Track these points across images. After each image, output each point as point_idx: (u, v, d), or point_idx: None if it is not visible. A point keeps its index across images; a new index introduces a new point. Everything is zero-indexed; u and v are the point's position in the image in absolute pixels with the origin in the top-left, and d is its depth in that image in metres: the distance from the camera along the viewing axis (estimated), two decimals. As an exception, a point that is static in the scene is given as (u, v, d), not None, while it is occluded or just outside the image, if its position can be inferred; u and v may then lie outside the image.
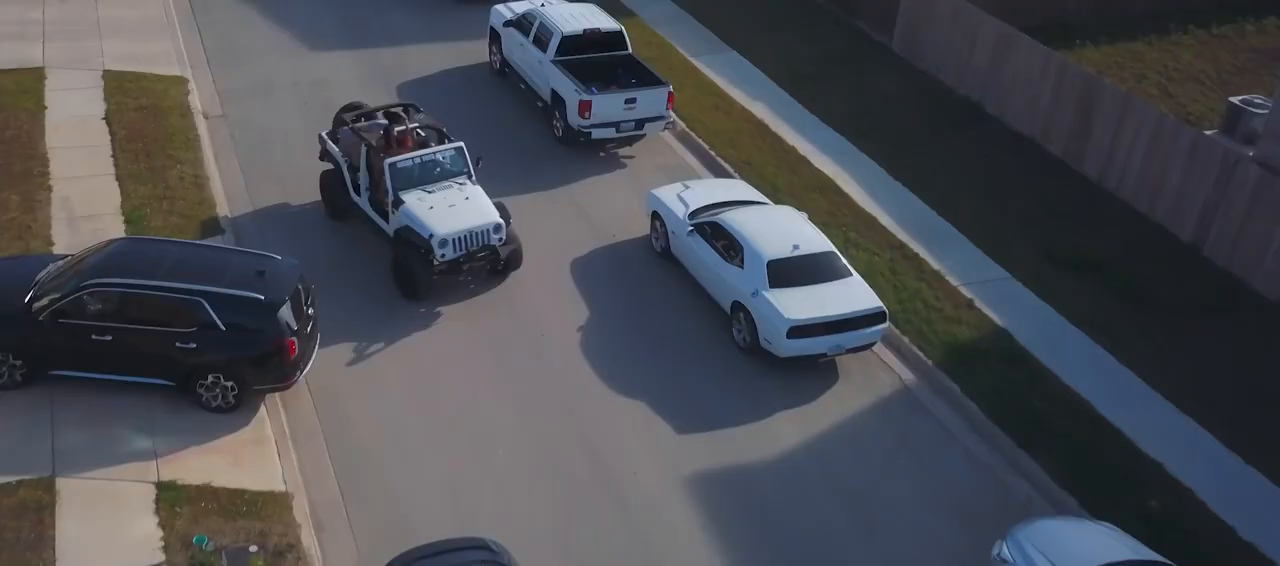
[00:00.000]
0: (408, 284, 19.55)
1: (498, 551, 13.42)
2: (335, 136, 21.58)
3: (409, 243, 19.47)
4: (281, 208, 21.94)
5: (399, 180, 19.83)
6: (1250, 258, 20.83)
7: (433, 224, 19.23)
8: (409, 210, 19.56)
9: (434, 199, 19.75)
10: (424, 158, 20.12)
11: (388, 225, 20.17)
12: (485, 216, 19.61)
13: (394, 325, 19.01)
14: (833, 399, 18.12)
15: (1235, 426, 17.82)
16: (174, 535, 14.65)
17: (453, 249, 19.15)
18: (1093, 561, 13.89)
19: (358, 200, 20.92)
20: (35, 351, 16.38)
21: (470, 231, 19.30)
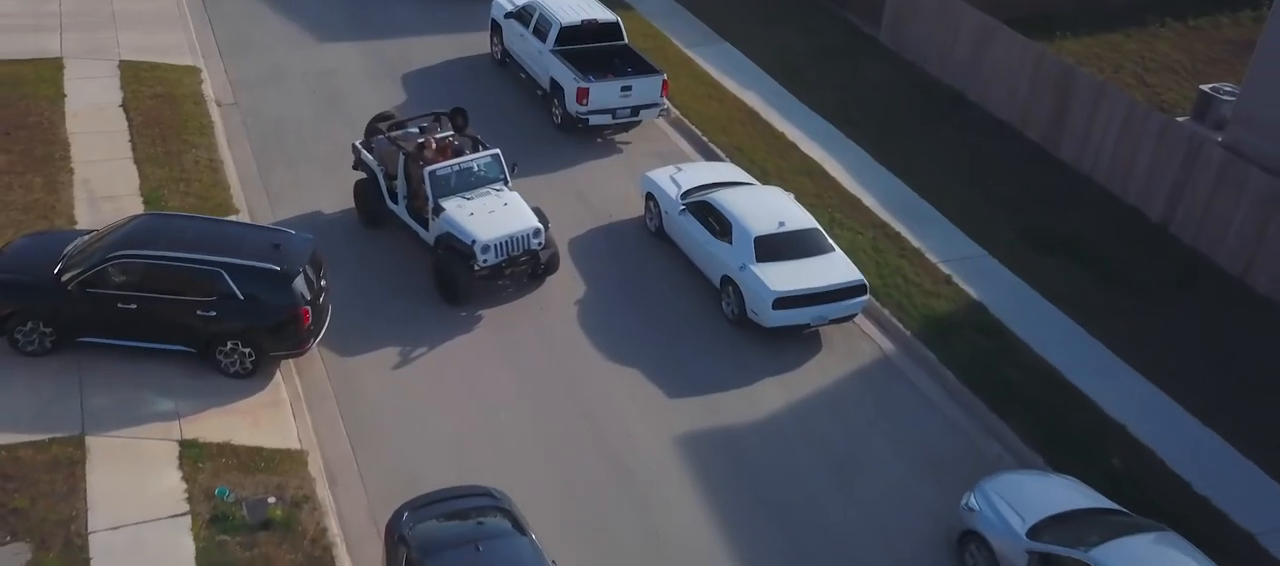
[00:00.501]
0: (449, 289, 19.85)
1: (500, 498, 14.44)
2: (369, 146, 21.80)
3: (451, 248, 19.73)
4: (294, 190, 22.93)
5: (438, 188, 20.08)
6: (1214, 235, 21.89)
7: (474, 230, 19.56)
8: (450, 217, 19.86)
9: (474, 205, 20.06)
10: (462, 165, 20.39)
11: (427, 233, 20.48)
12: (525, 221, 19.95)
13: (400, 300, 20.01)
14: (816, 366, 19.17)
15: (1196, 392, 18.86)
16: (197, 488, 15.65)
17: (494, 254, 19.48)
18: (1051, 508, 14.95)
19: (395, 208, 21.16)
20: (64, 320, 17.37)
21: (511, 237, 19.64)
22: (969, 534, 15.32)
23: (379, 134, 21.95)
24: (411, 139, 21.30)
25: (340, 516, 15.70)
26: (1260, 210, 20.93)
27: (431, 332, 19.28)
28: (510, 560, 13.16)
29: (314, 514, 15.52)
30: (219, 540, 14.93)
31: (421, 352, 18.80)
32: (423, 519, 13.92)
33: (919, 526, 16.24)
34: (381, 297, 20.02)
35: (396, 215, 21.18)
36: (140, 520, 15.09)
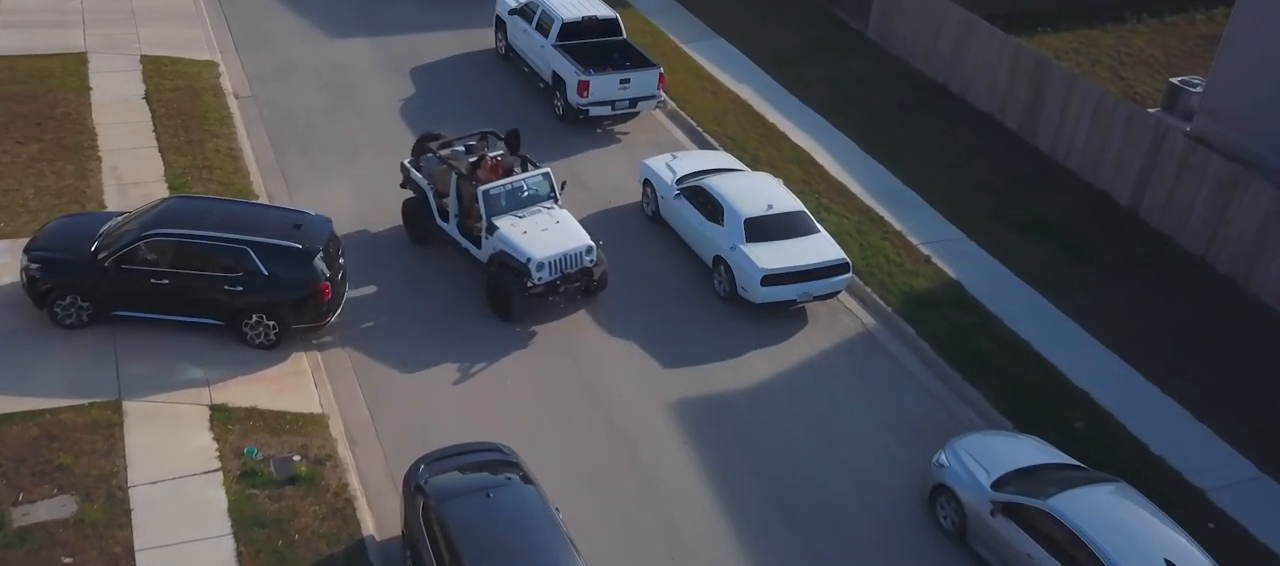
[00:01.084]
0: (503, 305, 20.17)
1: (508, 453, 15.73)
2: (418, 165, 22.09)
3: (504, 266, 20.04)
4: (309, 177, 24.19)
5: (492, 206, 20.37)
6: (1178, 217, 23.21)
7: (529, 248, 19.84)
8: (504, 235, 20.13)
9: (526, 224, 20.34)
10: (514, 184, 20.65)
11: (479, 251, 20.78)
12: (578, 240, 20.25)
13: (411, 278, 21.28)
14: (802, 339, 20.48)
15: (1156, 362, 20.18)
16: (227, 447, 16.95)
17: (549, 272, 19.78)
18: (1014, 463, 16.27)
19: (444, 226, 21.44)
20: (100, 294, 18.66)
21: (565, 254, 19.94)
22: (940, 488, 16.63)
23: (428, 153, 22.19)
24: (461, 158, 21.50)
25: (360, 473, 16.99)
26: (1219, 194, 22.25)
27: (440, 311, 20.53)
28: (518, 505, 14.44)
29: (336, 470, 16.82)
30: (249, 493, 16.21)
31: (431, 327, 20.05)
32: (438, 471, 15.19)
33: (895, 482, 17.54)
34: (396, 276, 21.28)
35: (446, 233, 21.44)
36: (176, 475, 16.38)
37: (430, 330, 20.00)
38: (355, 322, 19.98)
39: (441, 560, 14.01)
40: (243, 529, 15.61)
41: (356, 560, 15.41)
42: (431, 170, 21.76)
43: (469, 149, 21.81)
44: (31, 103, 25.45)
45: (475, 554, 13.60)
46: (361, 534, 15.81)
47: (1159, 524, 14.97)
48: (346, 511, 16.15)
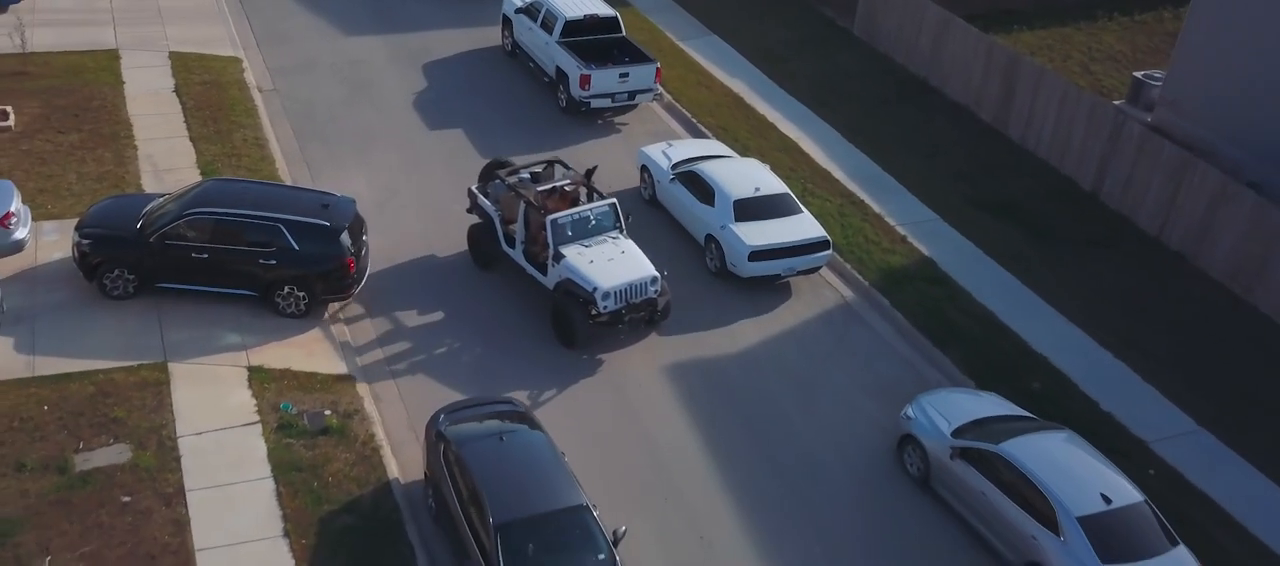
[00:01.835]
0: (567, 333, 20.58)
1: (518, 405, 17.57)
2: (485, 191, 22.64)
3: (570, 293, 20.44)
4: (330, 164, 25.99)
5: (559, 235, 20.81)
6: (1136, 200, 25.05)
7: (595, 277, 20.23)
8: (570, 264, 20.52)
9: (593, 253, 20.72)
10: (581, 213, 21.02)
11: (545, 278, 21.20)
12: (643, 270, 20.60)
13: (428, 253, 23.10)
14: (786, 310, 22.31)
15: (1110, 331, 22.00)
16: (264, 403, 18.78)
17: (614, 301, 20.20)
18: (973, 414, 18.09)
19: (510, 252, 21.85)
20: (145, 268, 20.47)
21: (630, 284, 20.31)
22: (907, 438, 18.46)
23: (495, 179, 22.62)
24: (529, 186, 21.85)
25: (385, 425, 18.82)
26: (1172, 178, 24.09)
27: (452, 286, 22.33)
28: (528, 447, 16.28)
29: (363, 423, 18.66)
30: (286, 442, 18.04)
31: (446, 296, 21.86)
32: (456, 420, 17.03)
33: (868, 436, 19.37)
34: (411, 253, 23.09)
35: (512, 259, 21.92)
36: (219, 427, 18.22)
37: (445, 302, 21.80)
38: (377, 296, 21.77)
39: (460, 494, 15.84)
40: (281, 473, 17.44)
41: (383, 500, 17.23)
42: (499, 196, 22.16)
43: (535, 176, 22.20)
44: (70, 96, 27.27)
45: (491, 487, 15.42)
46: (387, 477, 17.64)
47: (1098, 465, 16.79)
48: (373, 458, 17.98)
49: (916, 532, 17.63)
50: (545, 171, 22.28)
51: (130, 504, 16.63)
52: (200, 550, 16.04)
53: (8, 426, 17.68)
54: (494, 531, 14.93)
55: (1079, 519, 15.78)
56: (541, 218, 20.90)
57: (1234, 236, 22.94)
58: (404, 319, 21.31)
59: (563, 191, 21.76)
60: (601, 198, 21.62)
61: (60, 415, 18.00)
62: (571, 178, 21.99)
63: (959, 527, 17.67)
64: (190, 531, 16.29)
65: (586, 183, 21.99)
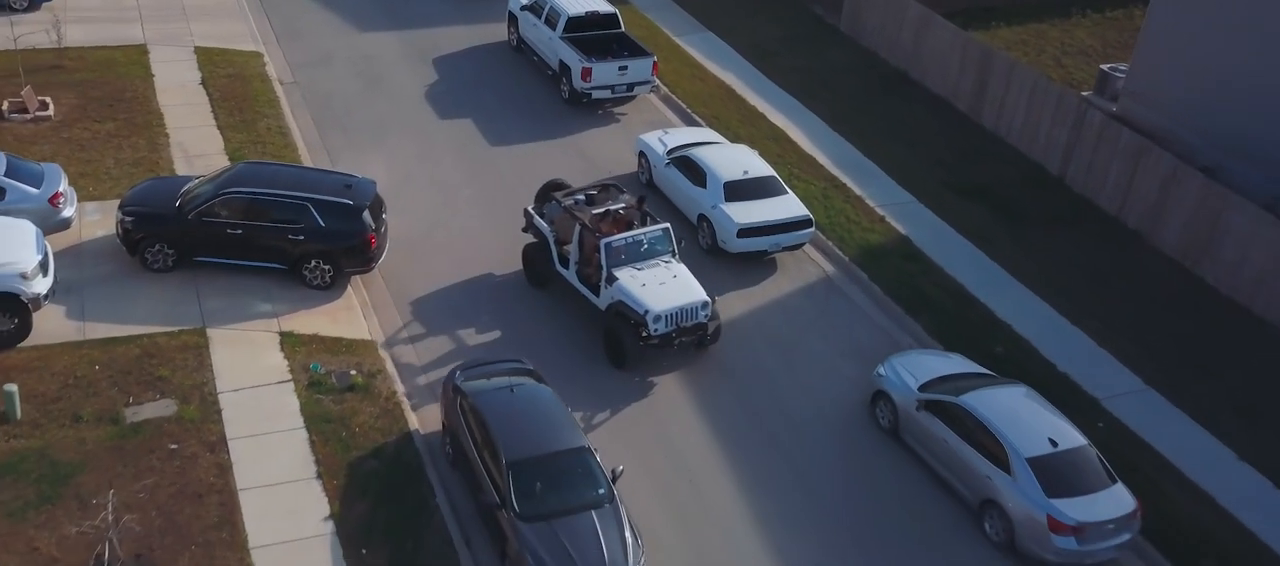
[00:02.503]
0: (618, 354, 21.16)
1: (526, 363, 19.45)
2: (541, 211, 23.19)
3: (621, 315, 20.98)
4: (348, 151, 27.85)
5: (612, 258, 21.34)
6: (1097, 184, 26.95)
7: (647, 301, 20.73)
8: (623, 286, 21.03)
9: (645, 276, 21.21)
10: (635, 237, 21.53)
11: (598, 299, 21.72)
12: (694, 295, 21.07)
13: (440, 232, 24.96)
14: (772, 283, 24.20)
15: (1070, 301, 23.88)
16: (295, 363, 20.65)
17: (665, 324, 20.68)
18: (938, 372, 19.97)
19: (564, 272, 22.42)
20: (183, 243, 22.31)
21: (681, 309, 20.81)
22: (878, 394, 20.35)
23: (551, 201, 23.13)
24: (584, 208, 22.34)
25: (405, 383, 20.70)
26: (1130, 163, 25.97)
27: (467, 256, 24.19)
28: (535, 398, 18.14)
29: (385, 382, 20.53)
30: (316, 398, 19.91)
31: (458, 271, 23.72)
32: (471, 376, 18.90)
33: (844, 394, 21.24)
34: (427, 230, 24.97)
35: (566, 279, 22.50)
36: (255, 384, 20.09)
37: (459, 275, 23.68)
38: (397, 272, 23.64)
39: (475, 439, 17.72)
40: (313, 424, 19.32)
41: (405, 448, 19.11)
42: (554, 217, 22.73)
43: (590, 199, 22.78)
44: (103, 88, 29.16)
45: (503, 431, 17.30)
46: (408, 429, 19.51)
47: (1049, 414, 18.67)
48: (396, 412, 19.86)
49: (886, 477, 19.52)
50: (600, 194, 22.91)
51: (178, 450, 18.49)
52: (242, 489, 17.91)
53: (64, 384, 19.55)
54: (506, 469, 16.82)
55: (1028, 460, 17.66)
56: (596, 240, 21.40)
57: (1183, 215, 24.85)
58: (420, 292, 23.17)
59: (617, 215, 22.24)
60: (655, 222, 22.18)
61: (110, 374, 19.86)
62: (626, 201, 22.56)
63: (924, 472, 19.58)
64: (233, 474, 18.16)
65: (641, 207, 22.51)
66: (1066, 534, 17.15)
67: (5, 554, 16.38)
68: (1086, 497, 17.44)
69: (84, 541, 16.56)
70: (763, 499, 18.87)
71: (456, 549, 17.34)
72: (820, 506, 18.86)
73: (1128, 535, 17.66)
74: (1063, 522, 17.12)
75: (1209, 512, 19.12)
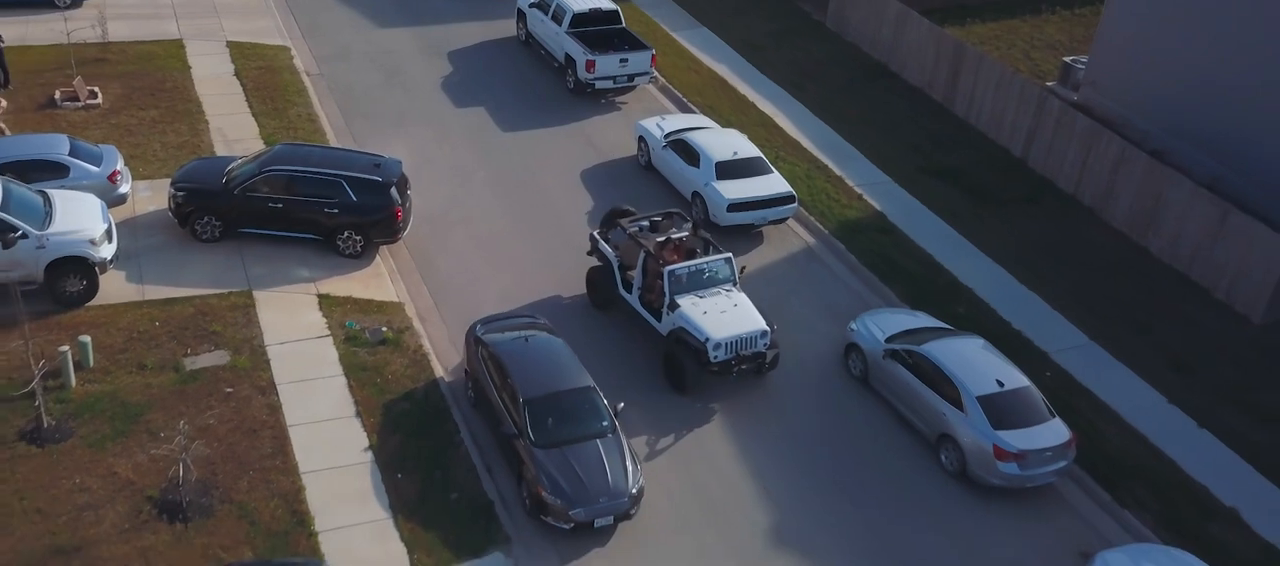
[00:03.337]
0: (678, 379, 21.84)
1: (539, 317, 22.03)
2: (607, 236, 23.99)
3: (682, 342, 21.63)
4: (372, 137, 30.40)
5: (675, 285, 21.99)
6: (1056, 165, 29.53)
7: (708, 328, 21.36)
8: (684, 313, 21.67)
9: (706, 304, 21.81)
10: (697, 266, 22.16)
11: (660, 324, 22.40)
12: (754, 323, 21.62)
13: (455, 209, 27.52)
14: (758, 253, 26.78)
15: (1029, 271, 26.45)
16: (333, 321, 23.20)
17: (725, 351, 21.33)
18: (904, 327, 22.53)
19: (627, 297, 23.12)
20: (229, 216, 24.85)
21: (741, 337, 21.38)
22: (851, 346, 22.92)
23: (617, 227, 23.89)
24: (649, 236, 23.02)
25: (431, 339, 23.25)
26: (1085, 146, 28.55)
27: (482, 231, 26.75)
28: (547, 346, 20.70)
29: (413, 337, 23.09)
30: (352, 350, 22.47)
31: (475, 242, 26.29)
32: (490, 328, 21.46)
33: (821, 349, 23.80)
34: (441, 209, 27.53)
35: (628, 303, 23.24)
36: (298, 338, 22.64)
37: (474, 242, 26.24)
38: (420, 242, 26.19)
39: (495, 382, 20.28)
40: (350, 372, 21.88)
41: (432, 392, 21.67)
42: (619, 243, 23.52)
43: (654, 225, 23.53)
44: (145, 79, 31.71)
45: (518, 372, 19.88)
46: (435, 376, 22.08)
47: (998, 361, 21.23)
48: (423, 363, 22.41)
49: (857, 418, 22.09)
50: (663, 221, 23.69)
51: (233, 393, 21.05)
52: (292, 425, 20.47)
53: (129, 337, 22.11)
54: (523, 405, 19.40)
55: (978, 398, 20.24)
56: (659, 267, 22.14)
57: (1130, 193, 27.43)
58: (441, 261, 25.74)
59: (680, 243, 22.99)
60: (717, 251, 22.86)
61: (169, 329, 22.42)
62: (689, 229, 23.36)
63: (889, 413, 22.16)
64: (282, 413, 20.73)
65: (705, 235, 23.37)
66: (1010, 460, 19.75)
67: (88, 477, 18.97)
68: (1027, 430, 20.02)
69: (156, 466, 19.13)
70: (747, 436, 21.41)
71: (479, 475, 19.92)
72: (799, 443, 21.40)
73: (1063, 463, 20.25)
74: (1006, 450, 19.72)
75: (1140, 447, 21.71)
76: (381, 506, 19.05)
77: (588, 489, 18.64)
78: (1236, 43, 27.83)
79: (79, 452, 19.38)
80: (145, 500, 18.59)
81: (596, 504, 18.59)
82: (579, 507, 18.51)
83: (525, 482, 19.10)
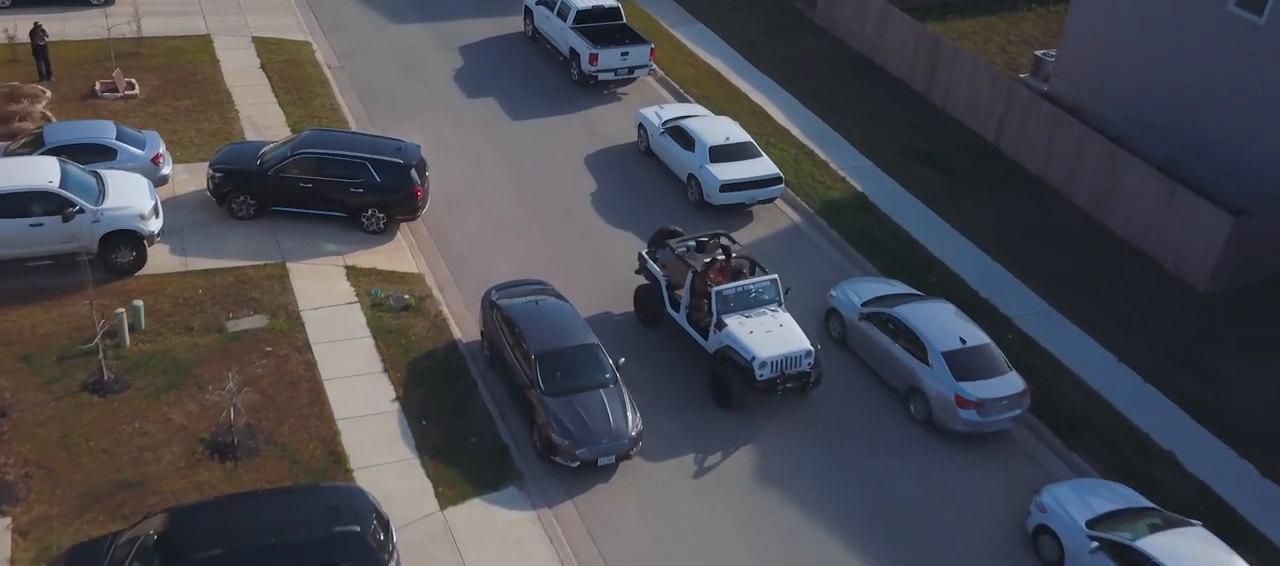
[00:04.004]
0: (724, 396, 22.57)
1: (548, 286, 24.33)
2: (655, 256, 24.71)
3: (729, 360, 22.33)
4: (391, 125, 32.71)
5: (722, 305, 22.66)
6: (1025, 150, 31.85)
7: (754, 348, 21.99)
8: (731, 332, 22.30)
9: (753, 324, 22.45)
10: (744, 286, 22.85)
11: (706, 343, 23.07)
12: (799, 343, 22.26)
13: (471, 191, 29.82)
14: (748, 229, 29.08)
15: (998, 246, 28.74)
16: (360, 289, 25.49)
17: (770, 370, 22.01)
18: (877, 293, 24.85)
19: (674, 315, 23.81)
20: (263, 195, 27.13)
21: (786, 356, 22.04)
22: (831, 311, 25.23)
23: (665, 247, 24.56)
24: (697, 256, 23.63)
25: (449, 305, 25.54)
26: (1051, 132, 30.86)
27: (493, 211, 29.06)
28: (555, 308, 23.02)
29: (433, 304, 25.38)
30: (378, 315, 24.75)
31: (486, 221, 28.57)
32: (504, 294, 23.76)
33: (803, 314, 25.99)
34: (456, 190, 29.83)
35: (675, 321, 23.97)
36: (329, 304, 24.93)
37: (484, 215, 28.55)
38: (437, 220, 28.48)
39: (509, 340, 22.59)
40: (377, 334, 24.18)
41: (452, 351, 23.97)
42: (667, 263, 24.23)
43: (701, 245, 24.27)
44: (178, 72, 34.02)
45: (530, 330, 22.20)
46: (453, 338, 24.38)
47: (962, 321, 23.51)
48: (443, 326, 24.71)
49: (836, 375, 24.36)
50: (710, 242, 24.44)
51: (272, 352, 23.35)
52: (327, 379, 22.77)
53: (175, 303, 24.41)
54: (535, 360, 21.71)
55: (943, 353, 22.55)
56: (707, 288, 22.87)
57: (1090, 175, 29.76)
58: (457, 237, 28.05)
59: (727, 264, 23.67)
60: (764, 273, 23.64)
61: (211, 295, 24.72)
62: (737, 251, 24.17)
63: (864, 370, 24.47)
64: (318, 368, 23.02)
65: (751, 256, 24.12)
66: (970, 408, 22.07)
67: (146, 423, 21.27)
68: (986, 381, 22.32)
69: (206, 414, 21.42)
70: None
71: (495, 421, 22.23)
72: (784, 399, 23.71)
73: (1018, 411, 22.58)
74: (967, 399, 22.04)
75: (1090, 401, 24.02)
76: (408, 448, 21.37)
77: (592, 431, 20.96)
78: (1187, 39, 30.15)
79: (136, 402, 21.68)
80: (198, 442, 20.90)
81: (600, 444, 20.92)
82: (584, 447, 20.85)
83: (536, 427, 21.41)
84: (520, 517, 20.26)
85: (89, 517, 19.21)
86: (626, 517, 20.54)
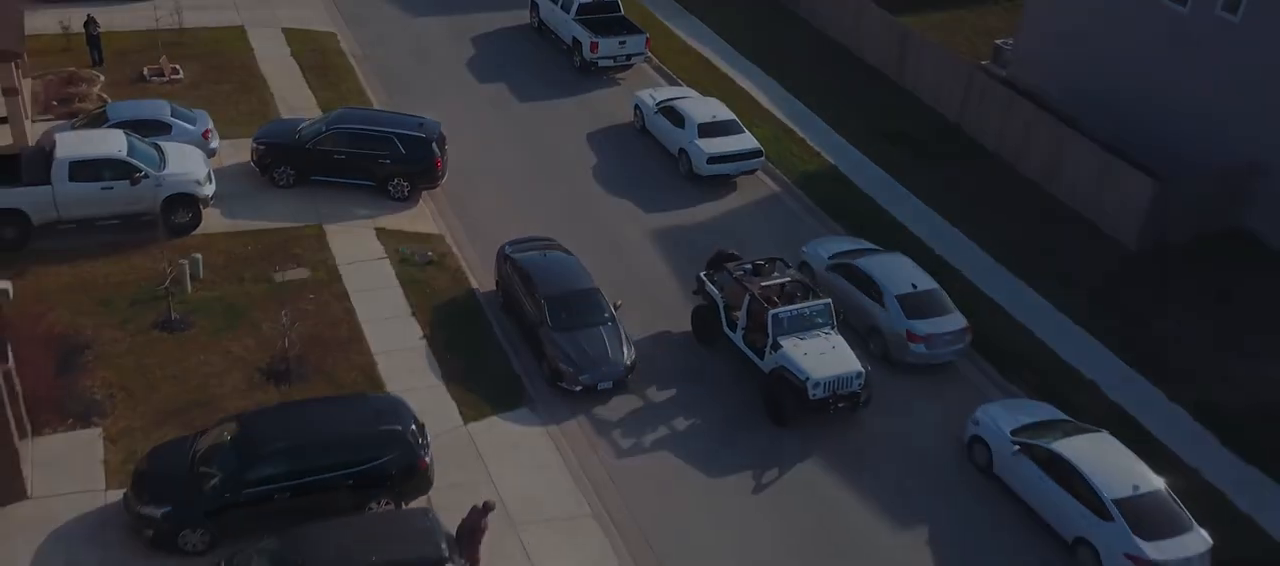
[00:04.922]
0: (778, 414, 23.59)
1: (556, 241, 27.82)
2: (713, 278, 25.91)
3: (784, 379, 23.30)
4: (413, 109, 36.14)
5: (778, 327, 23.62)
6: (984, 129, 35.34)
7: (808, 368, 22.93)
8: (786, 353, 23.25)
9: (807, 346, 23.35)
10: (799, 309, 23.84)
11: (762, 363, 24.05)
12: (850, 365, 23.21)
13: (484, 165, 33.29)
14: (732, 197, 32.57)
15: (957, 214, 32.19)
16: (389, 247, 28.93)
17: (823, 390, 22.98)
18: (842, 248, 28.34)
19: (731, 335, 24.94)
20: (301, 166, 30.59)
21: (838, 377, 23.03)
22: (802, 263, 28.67)
23: (723, 270, 25.70)
24: (753, 280, 24.78)
25: (467, 261, 29.00)
26: (1004, 114, 34.35)
27: (506, 181, 32.52)
28: (562, 260, 26.53)
29: (453, 260, 28.85)
30: (406, 268, 28.23)
31: (500, 188, 32.03)
32: (516, 248, 27.24)
33: (781, 269, 29.61)
34: (469, 169, 33.30)
35: (731, 341, 25.07)
36: (363, 260, 28.39)
37: (496, 185, 31.99)
38: (454, 182, 31.95)
39: (520, 287, 26.07)
40: (405, 283, 27.65)
41: (470, 299, 27.43)
42: (724, 285, 25.39)
43: (757, 269, 25.34)
44: (217, 59, 37.48)
45: (540, 278, 25.71)
46: (471, 287, 27.85)
47: (915, 270, 26.94)
48: (462, 278, 28.19)
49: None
50: (766, 265, 25.55)
51: (315, 298, 26.82)
52: (363, 321, 26.24)
53: (228, 257, 27.87)
54: (543, 301, 25.23)
55: (897, 296, 26.03)
56: (765, 311, 23.85)
57: (1040, 150, 33.25)
58: (472, 203, 31.50)
59: (782, 288, 24.72)
60: (818, 297, 24.68)
61: (260, 251, 28.16)
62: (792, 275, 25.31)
63: (832, 316, 28.00)
64: (355, 313, 26.47)
65: (806, 281, 25.26)
66: (919, 342, 25.55)
67: (209, 355, 24.74)
68: (933, 319, 25.81)
69: (262, 348, 24.87)
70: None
71: (509, 356, 25.72)
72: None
73: (961, 346, 26.08)
74: (916, 334, 25.53)
75: (1029, 341, 27.52)
76: (436, 376, 24.87)
77: (593, 360, 24.46)
78: (1128, 29, 33.63)
79: (200, 338, 25.17)
80: (256, 371, 24.38)
81: (599, 371, 24.43)
82: (586, 374, 24.35)
83: (546, 359, 24.91)
84: (531, 431, 23.76)
85: (166, 429, 22.67)
86: (625, 429, 24.01)
